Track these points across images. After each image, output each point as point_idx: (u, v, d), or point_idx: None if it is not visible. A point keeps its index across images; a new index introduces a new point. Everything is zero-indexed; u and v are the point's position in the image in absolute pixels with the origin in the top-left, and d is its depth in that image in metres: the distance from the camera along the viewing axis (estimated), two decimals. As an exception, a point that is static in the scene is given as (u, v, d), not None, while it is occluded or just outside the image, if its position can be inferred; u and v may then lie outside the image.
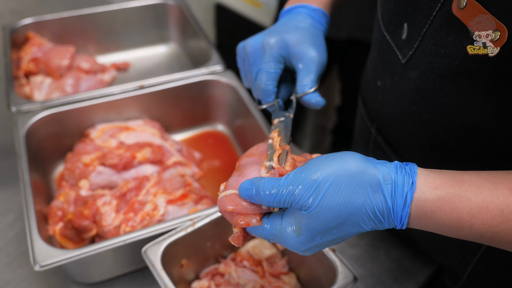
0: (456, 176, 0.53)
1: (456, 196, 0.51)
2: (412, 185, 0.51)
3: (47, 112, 1.02)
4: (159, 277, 0.74)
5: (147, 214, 0.91)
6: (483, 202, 0.50)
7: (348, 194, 0.51)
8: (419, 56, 0.65)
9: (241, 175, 0.60)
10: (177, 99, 1.15)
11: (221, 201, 0.59)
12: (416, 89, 0.67)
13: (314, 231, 0.53)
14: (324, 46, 0.77)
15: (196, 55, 1.34)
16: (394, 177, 0.52)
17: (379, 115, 0.81)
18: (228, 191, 0.59)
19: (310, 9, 0.80)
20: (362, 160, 0.53)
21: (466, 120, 0.63)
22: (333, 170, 0.52)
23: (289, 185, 0.53)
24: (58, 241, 0.90)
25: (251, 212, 0.57)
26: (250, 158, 0.64)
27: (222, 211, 0.59)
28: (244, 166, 0.62)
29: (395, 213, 0.52)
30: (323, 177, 0.52)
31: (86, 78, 1.24)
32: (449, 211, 0.51)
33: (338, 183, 0.51)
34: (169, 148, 1.07)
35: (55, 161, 1.08)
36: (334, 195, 0.51)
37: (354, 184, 0.51)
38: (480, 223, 0.51)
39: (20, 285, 0.88)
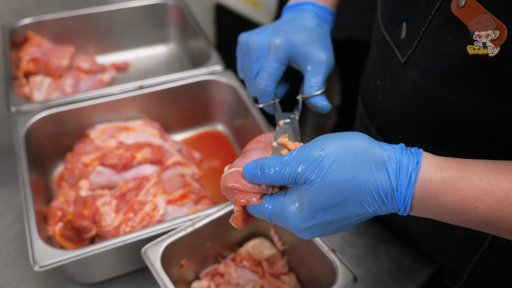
0: (462, 160, 0.53)
1: (461, 178, 0.50)
2: (417, 165, 0.51)
3: (47, 112, 1.02)
4: (159, 277, 0.74)
5: (147, 214, 0.91)
6: (487, 185, 0.50)
7: (353, 170, 0.51)
8: (418, 56, 0.65)
9: (245, 157, 0.61)
10: (177, 99, 1.15)
11: (223, 178, 0.59)
12: (415, 88, 0.67)
13: (317, 207, 0.53)
14: (331, 47, 0.76)
15: (195, 55, 1.34)
16: (399, 156, 0.52)
17: (378, 115, 0.81)
18: (231, 170, 0.59)
19: (317, 6, 0.78)
20: (368, 139, 0.53)
21: (465, 120, 0.63)
22: (338, 146, 0.52)
23: (293, 160, 0.53)
24: (58, 241, 0.90)
25: (251, 190, 0.57)
26: (256, 144, 0.65)
27: (223, 188, 0.59)
28: (249, 151, 0.63)
29: (399, 193, 0.51)
30: (327, 152, 0.52)
31: (86, 78, 1.24)
32: (453, 193, 0.50)
33: (342, 158, 0.51)
34: (169, 148, 1.07)
35: (54, 161, 1.08)
36: (338, 170, 0.51)
37: (359, 161, 0.51)
38: (484, 206, 0.50)
39: (20, 285, 0.88)
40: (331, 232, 0.56)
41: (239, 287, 0.84)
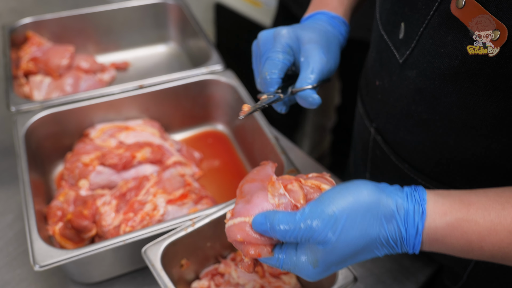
0: (463, 198, 0.54)
1: (465, 221, 0.52)
2: (422, 214, 0.53)
3: (47, 111, 1.02)
4: (159, 277, 0.74)
5: (147, 214, 0.91)
6: (491, 224, 0.51)
7: (364, 226, 0.52)
8: (417, 56, 0.65)
9: (248, 203, 0.59)
10: (177, 99, 1.15)
11: (230, 230, 0.59)
12: (415, 88, 0.67)
13: (331, 263, 0.54)
14: (337, 54, 0.74)
15: (195, 55, 1.34)
16: (406, 206, 0.53)
17: (378, 115, 0.81)
18: (236, 219, 0.58)
19: (329, 16, 0.78)
20: (375, 190, 0.54)
21: (466, 120, 0.63)
22: (349, 204, 0.53)
23: (306, 220, 0.53)
24: (58, 241, 0.90)
25: (261, 243, 0.57)
26: (253, 184, 0.63)
27: (232, 241, 0.59)
28: (249, 193, 0.61)
29: (408, 241, 0.53)
30: (339, 211, 0.52)
31: (86, 78, 1.24)
32: (459, 236, 0.52)
33: (354, 217, 0.52)
34: (169, 148, 1.07)
35: (54, 161, 1.08)
36: (350, 229, 0.52)
37: (369, 217, 0.53)
38: (490, 245, 0.52)
39: (19, 284, 0.88)
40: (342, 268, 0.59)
41: (239, 287, 0.84)
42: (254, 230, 0.57)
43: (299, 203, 0.60)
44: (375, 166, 0.87)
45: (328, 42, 0.73)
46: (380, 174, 0.86)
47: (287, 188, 0.61)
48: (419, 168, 0.75)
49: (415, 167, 0.75)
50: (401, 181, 0.79)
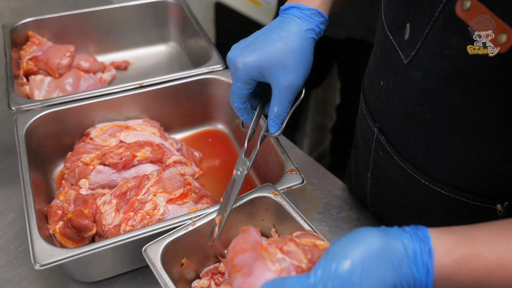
0: (467, 234, 0.53)
1: (471, 256, 0.51)
2: (429, 252, 0.52)
3: (47, 111, 1.02)
4: (159, 275, 0.74)
5: (147, 213, 0.91)
6: (498, 259, 0.51)
7: (380, 274, 0.51)
8: (422, 57, 0.65)
9: (248, 276, 0.55)
10: (177, 98, 1.15)
11: None
12: (420, 90, 0.67)
13: None
14: (306, 61, 0.76)
15: (196, 54, 1.34)
16: (413, 246, 0.52)
17: (382, 115, 0.80)
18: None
19: (303, 10, 0.77)
20: (381, 235, 0.53)
21: (471, 121, 0.62)
22: (361, 254, 0.51)
23: (321, 282, 0.51)
24: (58, 240, 0.90)
25: None
26: (245, 254, 0.59)
27: None
28: (245, 265, 0.57)
29: (421, 282, 0.52)
30: (353, 264, 0.51)
31: (86, 77, 1.24)
32: (466, 273, 0.52)
33: (369, 266, 0.51)
34: (169, 147, 1.07)
35: (55, 160, 1.08)
36: (368, 279, 0.51)
37: (382, 263, 0.51)
38: (499, 280, 0.51)
39: (20, 283, 0.88)
40: None
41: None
42: None
43: (303, 263, 0.57)
44: (377, 166, 0.87)
45: (293, 53, 0.74)
46: (382, 174, 0.86)
47: (284, 250, 0.59)
48: (422, 169, 0.74)
49: (418, 168, 0.75)
50: (404, 182, 0.79)
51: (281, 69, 0.74)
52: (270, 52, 0.74)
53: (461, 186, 0.70)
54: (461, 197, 0.71)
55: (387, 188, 0.86)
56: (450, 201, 0.73)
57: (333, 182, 1.08)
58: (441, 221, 0.78)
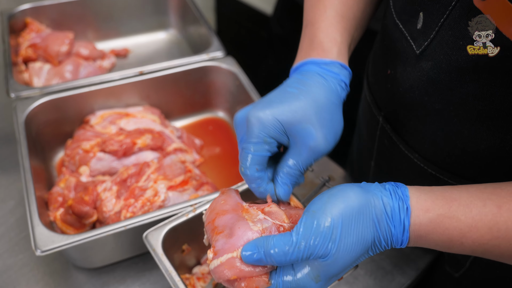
0: (446, 194, 0.54)
1: (447, 218, 0.53)
2: (407, 211, 0.53)
3: (47, 98, 1.02)
4: (160, 262, 0.74)
5: (147, 200, 0.91)
6: (472, 221, 0.52)
7: (359, 230, 0.52)
8: (435, 47, 0.63)
9: (230, 236, 0.55)
10: (177, 86, 1.14)
11: (218, 270, 0.54)
12: (428, 80, 0.66)
13: (333, 274, 0.53)
14: (337, 122, 0.61)
15: (196, 42, 1.34)
16: (392, 204, 0.53)
17: (387, 104, 0.79)
18: (222, 257, 0.54)
19: (321, 64, 0.64)
20: (362, 192, 0.54)
21: (482, 110, 0.62)
22: (341, 210, 0.52)
23: (304, 238, 0.51)
24: (59, 227, 0.90)
25: (257, 274, 0.53)
26: (226, 216, 0.57)
27: (223, 281, 0.54)
28: (226, 226, 0.56)
29: (397, 239, 0.54)
30: (334, 220, 0.51)
31: (86, 65, 1.23)
32: (440, 233, 0.53)
33: (349, 222, 0.52)
34: (170, 134, 1.07)
35: (55, 148, 1.08)
36: (348, 235, 0.52)
37: (362, 219, 0.52)
38: (470, 242, 0.53)
39: (22, 269, 0.89)
40: None
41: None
42: (246, 263, 0.53)
43: (285, 223, 0.57)
44: (381, 155, 0.86)
45: (319, 112, 0.59)
46: (387, 163, 0.85)
47: (265, 211, 0.58)
48: (429, 158, 0.73)
49: (425, 157, 0.74)
50: (409, 171, 0.78)
51: (309, 126, 0.58)
52: (293, 106, 0.58)
53: (469, 176, 0.70)
54: None
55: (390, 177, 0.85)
56: None
57: (334, 170, 1.08)
58: None
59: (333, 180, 1.05)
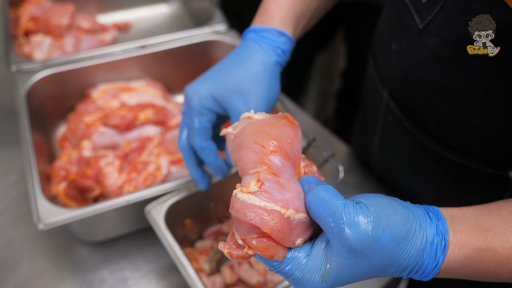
0: (479, 222, 0.50)
1: (483, 251, 0.49)
2: (444, 248, 0.49)
3: (48, 71, 1.01)
4: (163, 236, 0.74)
5: (150, 174, 0.91)
6: (509, 252, 0.49)
7: (395, 253, 0.46)
8: (439, 22, 0.61)
9: (285, 188, 0.47)
10: (180, 60, 1.13)
11: (252, 209, 0.45)
12: (434, 56, 0.64)
13: (341, 281, 0.47)
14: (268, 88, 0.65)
15: (198, 15, 1.31)
16: (432, 239, 0.48)
17: (392, 79, 0.77)
18: (269, 204, 0.45)
19: (259, 32, 0.69)
20: (411, 218, 0.48)
21: (489, 86, 0.60)
22: (397, 224, 0.46)
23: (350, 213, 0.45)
24: (62, 201, 0.90)
25: (287, 241, 0.46)
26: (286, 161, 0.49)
27: (243, 222, 0.45)
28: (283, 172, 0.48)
29: (423, 272, 0.49)
30: (383, 232, 0.45)
31: (87, 38, 1.22)
32: (475, 266, 0.50)
33: (392, 240, 0.46)
34: (172, 109, 1.06)
35: (56, 121, 1.07)
36: (384, 249, 0.46)
37: (402, 245, 0.47)
38: (507, 272, 0.50)
39: (24, 243, 0.89)
40: None
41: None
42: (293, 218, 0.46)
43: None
44: (385, 131, 0.85)
45: (251, 79, 0.65)
46: (390, 139, 0.84)
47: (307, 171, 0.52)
48: (434, 135, 0.72)
49: (430, 134, 0.73)
50: (413, 148, 0.77)
51: (237, 96, 0.64)
52: (224, 79, 0.65)
53: (474, 152, 0.69)
54: (473, 164, 0.70)
55: (394, 153, 0.85)
56: (461, 168, 0.71)
57: (337, 146, 1.07)
58: (450, 188, 0.77)
59: (336, 156, 1.05)
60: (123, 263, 0.87)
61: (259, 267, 0.83)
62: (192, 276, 0.70)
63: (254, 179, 0.46)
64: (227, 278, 0.83)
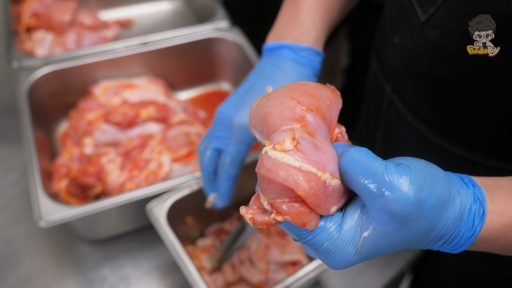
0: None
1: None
2: (482, 215, 0.46)
3: (50, 68, 1.00)
4: (164, 234, 0.74)
5: (151, 172, 0.90)
6: None
7: (436, 219, 0.43)
8: (442, 15, 0.61)
9: (320, 150, 0.41)
10: (182, 57, 1.13)
11: (286, 168, 0.40)
12: (437, 49, 0.64)
13: (376, 252, 0.43)
14: None
15: (201, 12, 1.31)
16: (470, 206, 0.45)
17: (395, 73, 0.77)
18: (304, 165, 0.40)
19: (297, 51, 0.66)
20: (451, 181, 0.45)
21: (493, 78, 0.60)
22: (441, 189, 0.43)
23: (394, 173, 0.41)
24: (63, 198, 0.90)
25: (321, 208, 0.41)
26: (322, 123, 0.44)
27: (274, 182, 0.40)
28: (319, 134, 0.43)
29: (459, 243, 0.46)
30: (429, 196, 0.42)
31: (89, 35, 1.21)
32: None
33: (436, 204, 0.42)
34: (174, 106, 1.05)
35: (58, 118, 1.07)
36: (423, 217, 0.42)
37: (442, 212, 0.43)
38: None
39: (26, 240, 0.89)
40: None
41: (244, 245, 0.84)
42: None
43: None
44: (388, 126, 0.85)
45: None
46: (393, 134, 0.84)
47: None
48: (437, 128, 0.72)
49: (433, 127, 0.73)
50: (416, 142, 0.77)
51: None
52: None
53: (477, 145, 0.68)
54: (476, 157, 0.69)
55: (397, 148, 0.85)
56: (464, 162, 0.71)
57: (340, 144, 1.07)
58: None
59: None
60: (124, 261, 0.87)
61: (261, 265, 0.83)
62: (193, 274, 0.69)
63: (289, 137, 0.41)
64: (229, 276, 0.82)
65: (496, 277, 0.84)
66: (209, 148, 0.71)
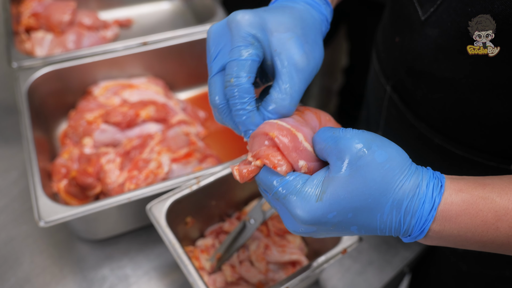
0: (478, 180, 0.49)
1: (481, 198, 0.47)
2: (440, 188, 0.48)
3: (49, 68, 1.00)
4: (164, 234, 0.74)
5: (151, 172, 0.90)
6: (508, 203, 0.47)
7: (389, 175, 0.46)
8: (442, 14, 0.61)
9: (305, 124, 0.53)
10: (182, 57, 1.13)
11: (265, 125, 0.51)
12: (437, 48, 0.64)
13: (335, 202, 0.46)
14: (319, 45, 0.56)
15: (200, 12, 1.31)
16: (428, 179, 0.48)
17: (395, 72, 0.77)
18: (281, 122, 0.51)
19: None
20: (406, 155, 0.49)
21: (493, 78, 0.60)
22: (392, 149, 0.48)
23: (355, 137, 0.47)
24: (63, 198, 0.90)
25: (291, 156, 0.49)
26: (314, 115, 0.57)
27: (256, 133, 0.51)
28: (307, 121, 0.54)
29: (420, 216, 0.47)
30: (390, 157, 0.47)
31: (88, 35, 1.21)
32: (473, 214, 0.48)
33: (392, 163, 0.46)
34: (173, 106, 1.05)
35: (57, 118, 1.07)
36: (376, 168, 0.46)
37: (397, 171, 0.46)
38: (506, 226, 0.48)
39: (25, 240, 0.89)
40: (320, 235, 0.51)
41: (244, 245, 0.84)
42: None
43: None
44: (388, 125, 0.85)
45: (305, 29, 0.54)
46: (393, 134, 0.84)
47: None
48: (436, 127, 0.72)
49: (432, 126, 0.73)
50: (416, 141, 0.77)
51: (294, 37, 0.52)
52: (279, 15, 0.53)
53: (477, 145, 0.69)
54: (476, 157, 0.69)
55: None
56: (464, 162, 0.71)
57: (339, 144, 1.07)
58: None
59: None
60: (124, 261, 0.87)
61: (260, 265, 0.83)
62: (193, 274, 0.69)
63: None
64: (228, 276, 0.82)
65: (496, 277, 0.84)
66: (213, 76, 0.55)
